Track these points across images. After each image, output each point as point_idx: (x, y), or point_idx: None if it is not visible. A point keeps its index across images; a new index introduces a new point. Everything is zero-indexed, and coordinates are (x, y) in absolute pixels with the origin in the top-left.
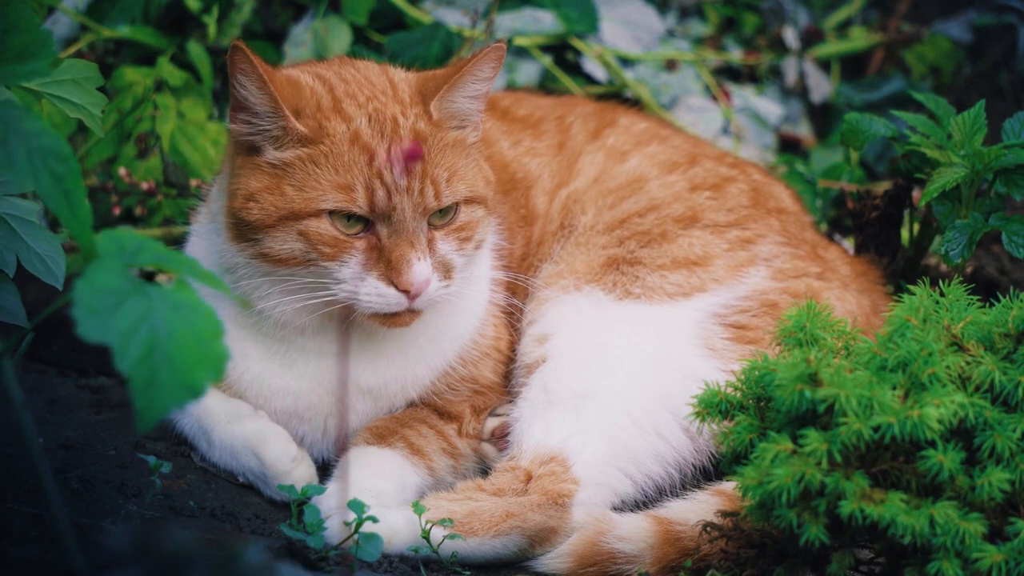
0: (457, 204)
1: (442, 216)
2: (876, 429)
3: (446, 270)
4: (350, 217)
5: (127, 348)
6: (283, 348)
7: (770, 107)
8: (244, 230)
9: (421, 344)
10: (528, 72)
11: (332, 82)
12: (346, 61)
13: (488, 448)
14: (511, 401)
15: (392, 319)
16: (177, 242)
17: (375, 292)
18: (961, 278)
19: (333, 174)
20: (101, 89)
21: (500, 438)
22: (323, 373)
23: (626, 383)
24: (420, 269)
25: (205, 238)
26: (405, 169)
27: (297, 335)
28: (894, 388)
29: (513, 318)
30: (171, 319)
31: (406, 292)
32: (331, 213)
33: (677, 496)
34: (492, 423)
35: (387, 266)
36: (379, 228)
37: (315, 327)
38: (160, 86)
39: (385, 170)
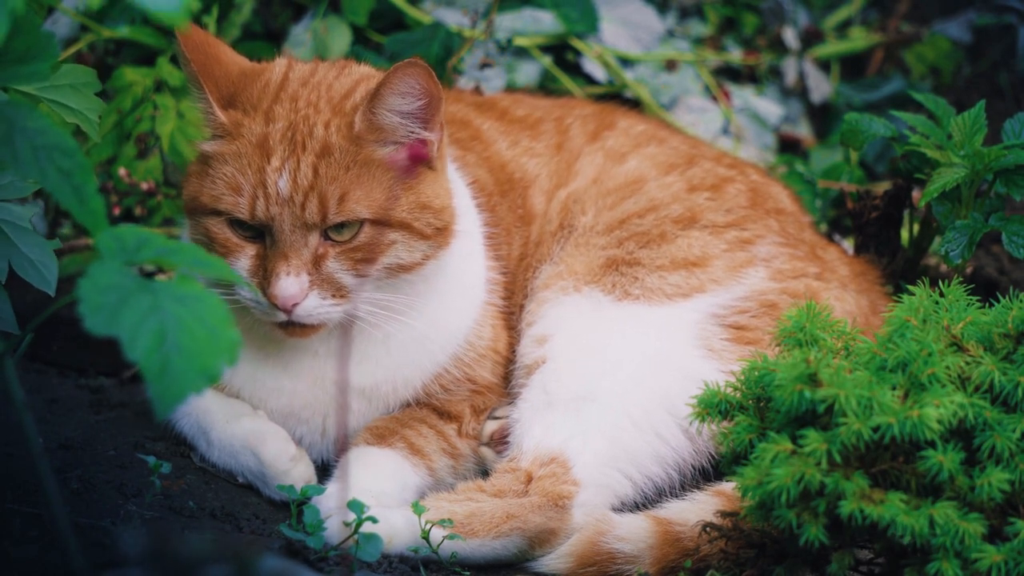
0: (360, 222)
1: (339, 232)
2: (876, 429)
3: (336, 289)
4: (238, 222)
5: (136, 339)
6: (275, 347)
7: (770, 107)
8: (184, 213)
9: (406, 346)
10: (528, 72)
11: (291, 80)
12: (343, 64)
13: (487, 452)
14: (510, 402)
15: (285, 329)
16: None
17: (255, 299)
18: (961, 278)
19: (231, 175)
20: (100, 92)
21: (499, 442)
22: (318, 372)
23: (626, 384)
24: (286, 284)
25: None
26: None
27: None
28: (894, 388)
29: (512, 318)
30: (178, 310)
31: (275, 304)
32: (226, 214)
33: (677, 497)
34: (491, 426)
35: (263, 275)
36: (266, 237)
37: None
38: (160, 86)
39: (271, 179)
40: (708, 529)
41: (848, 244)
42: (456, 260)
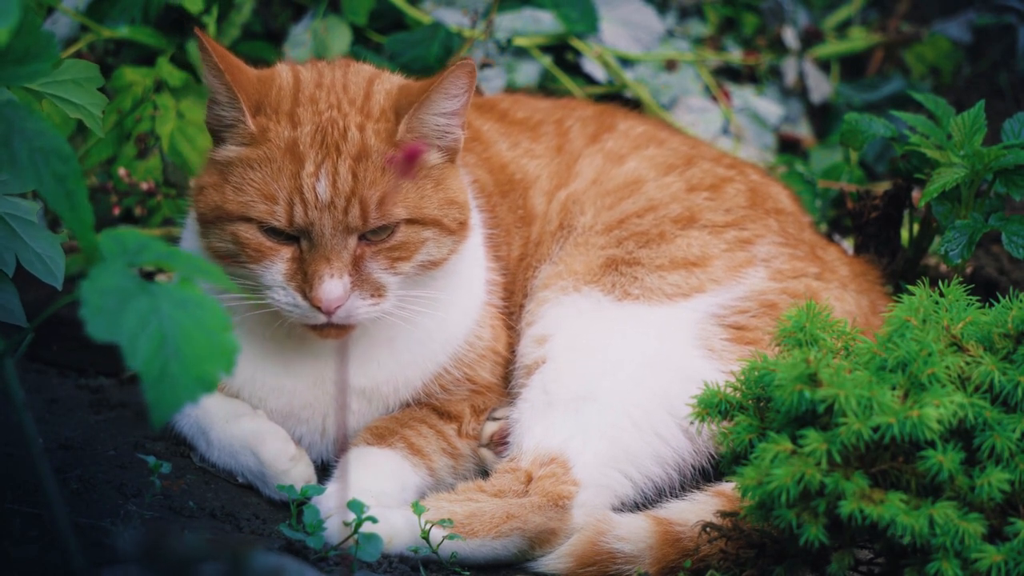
0: (396, 224)
1: (376, 233)
2: (876, 429)
3: (375, 288)
4: (272, 228)
5: (136, 345)
6: (276, 348)
7: (770, 107)
8: (198, 222)
9: (410, 347)
10: (528, 72)
11: (304, 83)
12: (343, 63)
13: (487, 453)
14: (510, 403)
15: (321, 331)
16: (176, 242)
17: (292, 303)
18: (961, 278)
19: (262, 182)
20: (101, 90)
21: (499, 443)
22: (318, 372)
23: (626, 384)
24: (331, 287)
25: (195, 233)
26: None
27: (286, 336)
28: (894, 388)
29: (511, 318)
30: (178, 315)
31: (318, 308)
32: (258, 221)
33: (677, 497)
34: (490, 427)
35: (303, 279)
36: (301, 241)
37: (296, 327)
38: (160, 86)
39: (307, 185)
40: (708, 529)
41: (848, 244)
42: (460, 259)
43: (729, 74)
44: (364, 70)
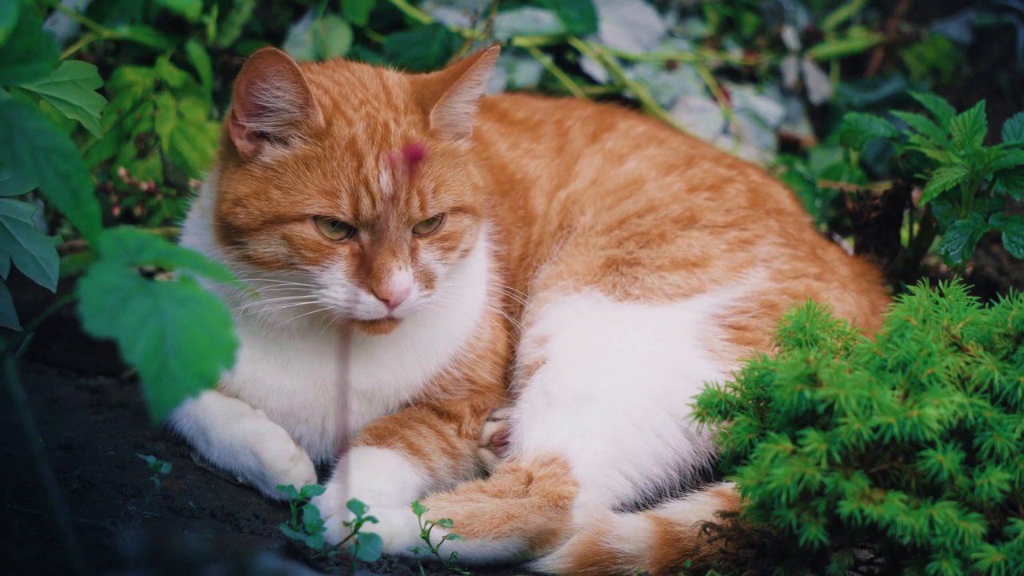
0: (443, 214)
1: (428, 225)
2: (876, 429)
3: (428, 279)
4: (334, 223)
5: (135, 341)
6: (276, 348)
7: (770, 107)
8: (230, 233)
9: (416, 348)
10: (528, 72)
11: (326, 85)
12: (341, 63)
13: (487, 454)
14: (510, 404)
15: (372, 326)
16: (175, 242)
17: (355, 299)
18: (961, 278)
19: (321, 179)
20: (100, 90)
21: (498, 444)
22: (318, 373)
23: (626, 384)
24: (400, 279)
25: (196, 234)
26: (407, 169)
27: (287, 336)
28: (893, 388)
29: (511, 319)
30: (178, 312)
31: (385, 301)
32: (315, 218)
33: (677, 497)
34: (490, 428)
35: (368, 274)
36: (362, 235)
37: (303, 328)
38: (160, 86)
39: (372, 178)
40: (708, 529)
41: (848, 244)
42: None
43: (729, 74)
44: (366, 67)
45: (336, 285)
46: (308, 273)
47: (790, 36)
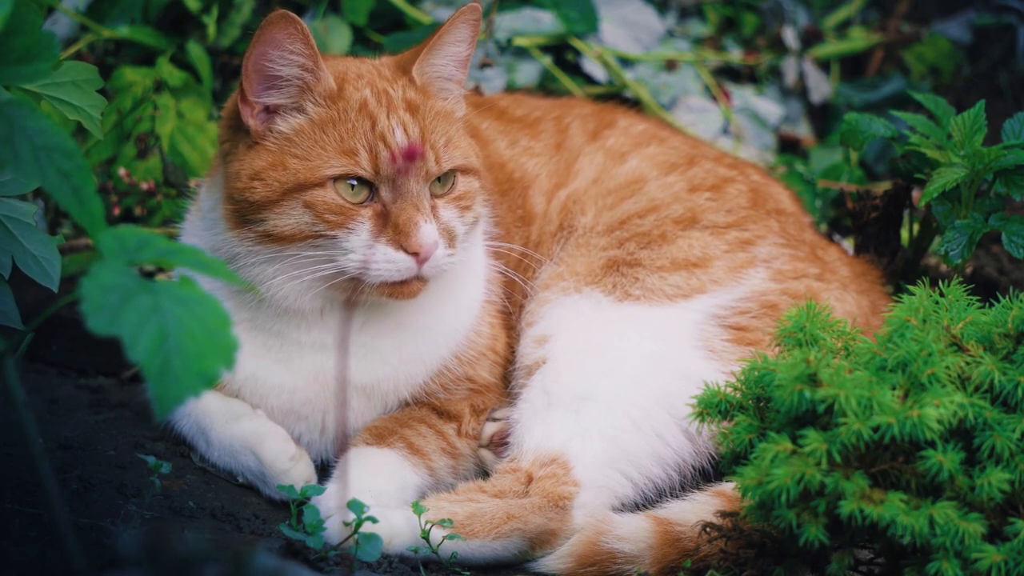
0: (455, 172)
1: (442, 185)
2: (876, 429)
3: (450, 237)
4: (355, 184)
5: (138, 339)
6: (278, 343)
7: (770, 107)
8: (247, 212)
9: (416, 338)
10: (528, 72)
11: (328, 62)
12: (326, 57)
13: (486, 454)
14: (510, 404)
15: (400, 288)
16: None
17: (384, 259)
18: (961, 278)
19: (338, 140)
20: (101, 90)
21: (498, 444)
22: (319, 369)
23: (626, 385)
24: (428, 231)
25: (195, 235)
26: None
27: (292, 327)
28: (894, 388)
29: (510, 318)
30: (178, 312)
31: (416, 255)
32: (336, 180)
33: (677, 497)
34: (490, 428)
35: (395, 230)
36: (384, 194)
37: (315, 311)
38: (160, 86)
39: (388, 133)
40: (708, 529)
41: (848, 244)
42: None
43: (729, 74)
44: (349, 58)
45: (363, 247)
46: (334, 239)
47: (790, 36)
